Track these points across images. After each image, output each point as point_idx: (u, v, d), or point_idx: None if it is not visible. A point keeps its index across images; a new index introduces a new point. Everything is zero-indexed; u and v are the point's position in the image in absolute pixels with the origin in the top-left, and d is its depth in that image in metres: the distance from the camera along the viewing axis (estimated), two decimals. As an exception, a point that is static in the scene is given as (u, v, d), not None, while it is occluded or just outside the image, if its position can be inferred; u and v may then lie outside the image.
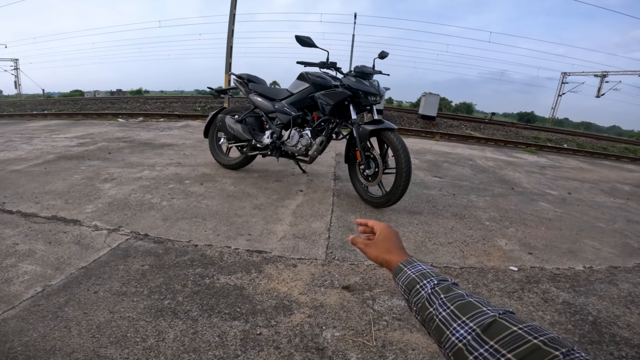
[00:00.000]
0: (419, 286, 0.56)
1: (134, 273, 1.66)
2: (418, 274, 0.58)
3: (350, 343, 1.32)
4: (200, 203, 2.59)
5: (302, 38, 2.73)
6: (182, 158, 3.96)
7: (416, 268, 0.60)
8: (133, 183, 2.95)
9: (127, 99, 15.60)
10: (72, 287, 1.52)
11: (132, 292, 1.52)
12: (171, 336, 1.28)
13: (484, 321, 0.43)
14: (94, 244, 1.92)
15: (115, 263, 1.73)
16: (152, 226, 2.17)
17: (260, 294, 1.57)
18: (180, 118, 8.53)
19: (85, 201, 2.50)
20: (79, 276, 1.61)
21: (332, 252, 2.00)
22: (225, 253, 1.90)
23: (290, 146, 2.99)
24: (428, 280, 0.56)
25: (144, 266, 1.72)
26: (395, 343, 1.34)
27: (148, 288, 1.55)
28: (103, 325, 1.31)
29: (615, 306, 1.72)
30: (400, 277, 0.61)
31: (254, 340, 1.29)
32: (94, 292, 1.50)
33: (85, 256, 1.79)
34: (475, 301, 0.48)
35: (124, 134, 5.47)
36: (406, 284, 0.59)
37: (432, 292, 0.53)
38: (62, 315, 1.35)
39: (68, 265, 1.69)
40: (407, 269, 0.61)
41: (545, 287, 1.83)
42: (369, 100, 2.71)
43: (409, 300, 0.58)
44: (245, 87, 3.39)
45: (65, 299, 1.44)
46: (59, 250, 1.82)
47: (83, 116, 8.39)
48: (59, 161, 3.56)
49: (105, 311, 1.39)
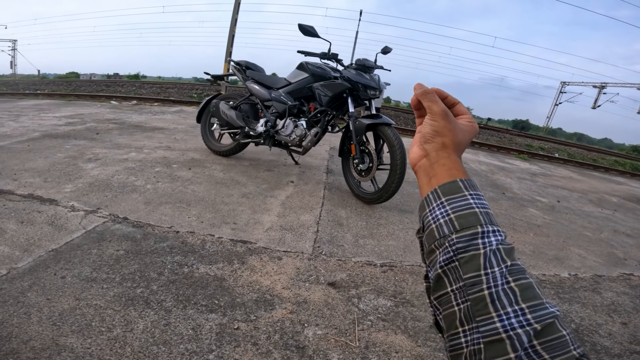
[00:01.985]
0: (482, 231, 0.37)
1: (107, 258, 1.57)
2: (484, 212, 0.39)
3: (332, 342, 1.25)
4: (186, 188, 2.49)
5: (306, 27, 2.67)
6: (172, 142, 3.85)
7: (481, 200, 0.40)
8: (118, 164, 2.84)
9: (123, 82, 15.34)
10: (39, 271, 1.43)
11: (102, 278, 1.43)
12: (140, 327, 1.19)
13: (545, 318, 0.32)
14: (69, 225, 1.82)
15: (89, 247, 1.64)
16: (133, 209, 2.07)
17: (241, 287, 1.49)
18: (175, 103, 8.36)
19: (65, 180, 2.39)
20: (48, 259, 1.51)
21: (319, 246, 1.93)
22: (207, 241, 1.82)
23: (284, 136, 2.90)
24: (496, 230, 0.38)
25: (119, 251, 1.63)
26: (379, 344, 1.27)
27: (120, 275, 1.46)
28: (66, 312, 1.22)
29: (598, 314, 1.71)
30: (454, 201, 0.40)
31: (231, 335, 1.21)
32: (61, 277, 1.41)
33: (57, 238, 1.69)
34: (536, 286, 0.35)
35: (114, 116, 5.32)
36: (459, 215, 0.39)
37: (497, 250, 0.36)
38: (24, 300, 1.26)
39: (37, 247, 1.59)
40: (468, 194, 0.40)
41: (534, 294, 1.79)
42: (368, 94, 2.64)
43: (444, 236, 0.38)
44: (242, 74, 3.30)
45: (29, 283, 1.35)
46: (30, 231, 1.72)
47: (75, 97, 8.18)
48: (44, 139, 3.42)
49: (70, 298, 1.29)
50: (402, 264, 1.87)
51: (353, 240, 2.05)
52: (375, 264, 1.83)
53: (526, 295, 0.34)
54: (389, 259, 1.90)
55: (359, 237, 2.10)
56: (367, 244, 2.04)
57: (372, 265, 1.81)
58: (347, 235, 2.11)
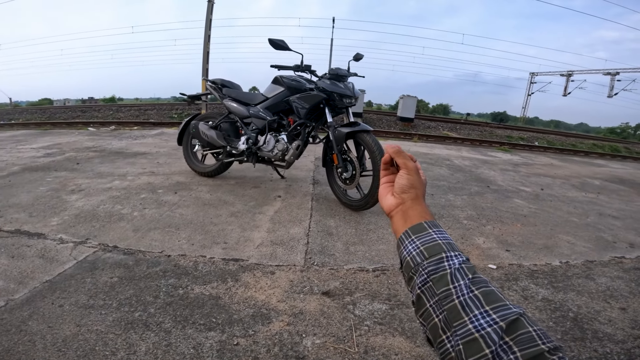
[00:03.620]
0: (446, 256, 0.47)
1: (102, 285, 1.57)
2: (446, 242, 0.49)
3: (332, 350, 1.28)
4: (173, 212, 2.50)
5: (276, 41, 2.68)
6: (155, 167, 3.83)
7: (443, 235, 0.50)
8: (102, 194, 2.83)
9: (99, 107, 15.09)
10: (36, 301, 1.44)
11: (99, 304, 1.44)
12: (143, 349, 1.21)
13: (508, 316, 0.39)
14: (59, 257, 1.81)
15: (82, 276, 1.64)
16: (122, 237, 2.07)
17: (237, 303, 1.51)
18: (155, 126, 8.30)
19: (50, 214, 2.37)
20: (43, 290, 1.52)
21: (310, 257, 1.96)
22: (199, 262, 1.83)
23: (266, 151, 2.93)
24: (457, 254, 0.47)
25: (113, 278, 1.63)
26: (378, 348, 1.31)
27: (117, 300, 1.47)
28: (69, 338, 1.24)
29: (595, 301, 1.73)
30: (421, 237, 0.50)
31: (231, 350, 1.23)
32: (59, 305, 1.42)
33: (50, 270, 1.69)
34: (497, 292, 0.43)
35: (94, 143, 5.26)
36: (427, 247, 0.49)
37: (460, 268, 0.46)
38: (26, 329, 1.27)
39: (32, 279, 1.60)
40: (432, 231, 0.51)
41: (525, 284, 1.84)
42: (344, 102, 2.70)
43: (418, 264, 0.48)
44: (219, 93, 3.32)
45: (29, 312, 1.37)
46: (22, 264, 1.72)
47: (51, 125, 8.04)
48: (24, 173, 3.37)
49: (71, 324, 1.31)
50: (394, 267, 1.91)
51: (344, 248, 2.09)
52: (367, 269, 1.87)
53: (489, 299, 0.41)
54: (381, 263, 1.94)
55: (350, 245, 2.14)
56: (358, 250, 2.08)
57: (365, 271, 1.85)
58: (338, 243, 2.15)
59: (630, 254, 2.38)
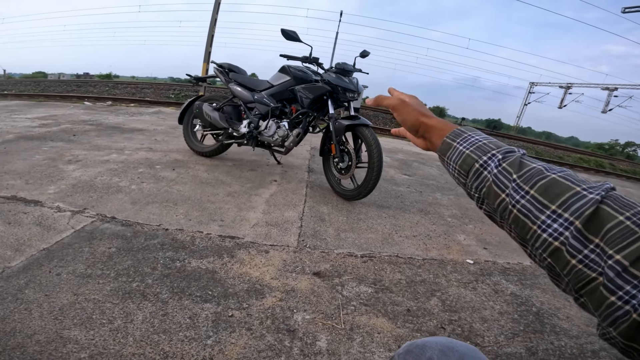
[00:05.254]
0: (479, 165, 0.42)
1: (99, 255, 1.62)
2: (473, 148, 0.44)
3: (320, 325, 1.36)
4: (171, 188, 2.54)
5: (288, 32, 2.75)
6: (153, 143, 3.85)
7: (468, 140, 0.45)
8: (99, 166, 2.85)
9: (95, 82, 14.80)
10: (33, 269, 1.46)
11: (97, 274, 1.48)
12: (140, 318, 1.27)
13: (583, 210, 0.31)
14: (57, 225, 1.85)
15: (80, 245, 1.68)
16: (120, 209, 2.11)
17: (232, 278, 1.58)
18: (152, 104, 8.23)
19: (47, 182, 2.39)
20: (40, 258, 1.55)
21: (303, 240, 2.04)
22: (197, 237, 1.89)
23: (267, 136, 2.99)
24: (489, 156, 0.42)
25: (111, 249, 1.68)
26: (362, 326, 1.40)
27: (115, 270, 1.52)
28: (66, 307, 1.28)
29: (557, 299, 1.85)
30: (451, 156, 0.46)
31: (226, 322, 1.31)
32: (56, 274, 1.45)
33: (47, 238, 1.72)
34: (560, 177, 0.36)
35: (90, 117, 5.23)
36: (459, 163, 0.45)
37: (499, 171, 0.40)
38: (23, 297, 1.30)
39: (28, 247, 1.62)
40: (456, 143, 0.46)
41: (497, 280, 1.95)
42: (347, 96, 2.76)
43: (466, 184, 0.45)
44: (225, 77, 3.36)
45: (25, 280, 1.39)
46: (18, 231, 1.74)
47: (45, 98, 7.90)
48: (19, 141, 3.36)
49: (68, 293, 1.35)
50: (380, 254, 2.00)
51: (335, 234, 2.17)
52: (356, 255, 1.96)
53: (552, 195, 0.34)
54: (369, 250, 2.03)
55: (341, 231, 2.23)
56: (348, 237, 2.16)
57: (353, 256, 1.94)
58: (329, 229, 2.23)
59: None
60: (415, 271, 1.89)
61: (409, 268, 1.91)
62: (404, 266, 1.92)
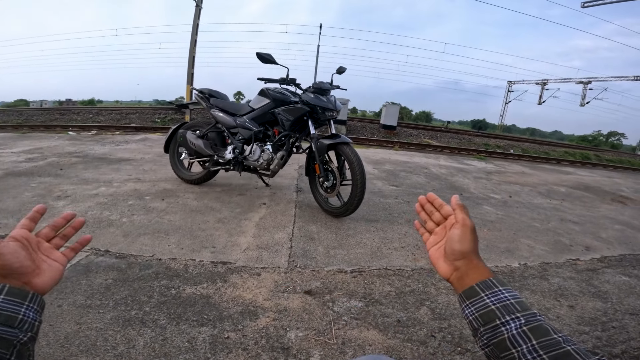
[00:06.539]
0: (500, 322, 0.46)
1: (97, 287, 1.67)
2: (499, 305, 0.47)
3: (313, 342, 1.43)
4: (162, 218, 2.60)
5: (263, 55, 2.80)
6: (141, 173, 3.90)
7: (497, 296, 0.48)
8: (89, 200, 2.89)
9: (78, 109, 14.70)
10: (33, 305, 1.51)
11: (97, 304, 1.54)
12: (141, 343, 1.33)
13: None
14: (53, 262, 1.89)
15: (77, 278, 1.73)
16: (113, 242, 2.16)
17: (227, 302, 1.64)
18: (138, 131, 8.26)
19: (39, 220, 2.42)
20: (39, 294, 1.60)
21: (294, 260, 2.11)
22: (190, 265, 1.95)
23: (252, 161, 3.06)
24: (512, 318, 0.46)
25: (108, 280, 1.74)
26: (354, 340, 1.47)
27: (113, 300, 1.58)
28: (71, 335, 1.34)
29: (546, 299, 1.92)
30: (475, 303, 0.50)
31: (223, 343, 1.37)
32: (58, 305, 1.51)
33: (44, 275, 1.76)
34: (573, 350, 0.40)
35: (75, 148, 5.25)
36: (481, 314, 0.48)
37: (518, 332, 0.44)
38: (27, 329, 1.35)
39: (26, 284, 1.67)
40: (484, 294, 0.49)
41: (486, 283, 2.04)
42: (327, 115, 2.85)
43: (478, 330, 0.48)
44: (206, 102, 3.42)
45: (27, 315, 1.44)
46: (14, 271, 1.78)
47: (29, 128, 7.90)
48: (7, 178, 3.38)
49: (71, 323, 1.41)
50: (370, 268, 2.08)
51: (324, 252, 2.25)
52: (345, 270, 2.04)
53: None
54: (358, 265, 2.11)
55: (330, 249, 2.30)
56: (338, 253, 2.24)
57: (343, 272, 2.02)
58: (319, 247, 2.31)
59: (585, 256, 2.62)
60: (405, 282, 1.97)
61: (398, 279, 1.99)
62: (393, 278, 2.00)
